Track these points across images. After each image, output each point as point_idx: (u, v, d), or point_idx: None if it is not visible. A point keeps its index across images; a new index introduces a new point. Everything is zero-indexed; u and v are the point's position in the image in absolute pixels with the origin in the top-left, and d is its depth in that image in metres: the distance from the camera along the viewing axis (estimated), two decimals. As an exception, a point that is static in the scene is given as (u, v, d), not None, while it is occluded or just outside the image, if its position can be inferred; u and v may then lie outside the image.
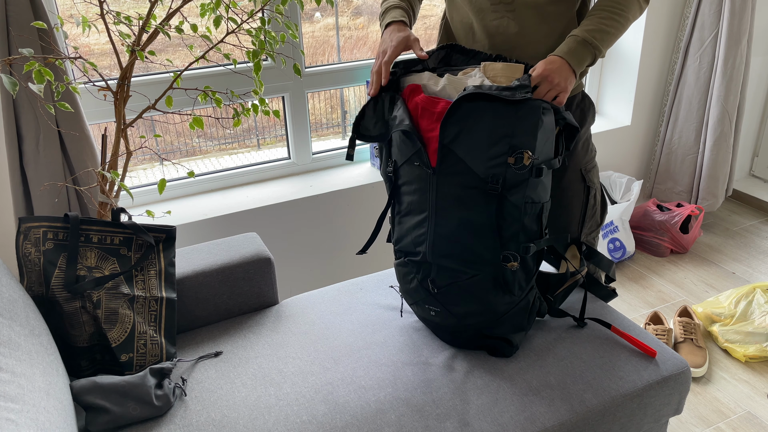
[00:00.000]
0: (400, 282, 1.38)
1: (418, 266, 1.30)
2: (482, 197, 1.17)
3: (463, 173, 1.17)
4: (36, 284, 1.23)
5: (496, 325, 1.28)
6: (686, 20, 2.49)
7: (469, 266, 1.23)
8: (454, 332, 1.31)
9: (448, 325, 1.31)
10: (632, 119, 2.64)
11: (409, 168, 1.25)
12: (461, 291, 1.25)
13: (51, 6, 1.64)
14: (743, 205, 2.97)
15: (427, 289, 1.29)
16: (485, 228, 1.19)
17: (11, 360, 0.93)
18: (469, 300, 1.25)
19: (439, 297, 1.28)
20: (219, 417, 1.16)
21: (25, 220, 1.24)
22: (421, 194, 1.23)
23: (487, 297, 1.24)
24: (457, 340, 1.33)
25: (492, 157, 1.15)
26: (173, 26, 1.44)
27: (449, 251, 1.23)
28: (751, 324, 1.96)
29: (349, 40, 2.23)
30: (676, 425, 1.70)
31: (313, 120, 2.32)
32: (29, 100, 1.49)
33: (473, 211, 1.18)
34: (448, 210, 1.20)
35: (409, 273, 1.33)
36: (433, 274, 1.28)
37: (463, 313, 1.27)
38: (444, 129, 1.17)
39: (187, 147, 2.17)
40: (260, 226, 1.97)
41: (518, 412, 1.15)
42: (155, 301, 1.33)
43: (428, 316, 1.33)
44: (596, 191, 1.56)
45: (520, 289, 1.26)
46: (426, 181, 1.22)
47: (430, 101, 1.20)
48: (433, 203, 1.22)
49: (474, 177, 1.17)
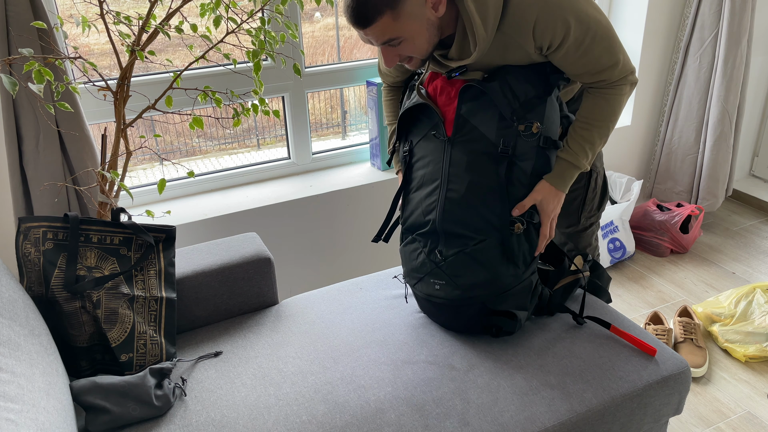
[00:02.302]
0: (405, 264, 1.40)
1: (425, 238, 1.33)
2: (492, 162, 1.25)
3: (476, 140, 1.26)
4: (36, 284, 1.23)
5: (500, 301, 1.28)
6: (686, 20, 2.49)
7: (476, 232, 1.26)
8: (457, 309, 1.30)
9: (452, 300, 1.30)
10: (632, 119, 2.64)
11: (424, 143, 1.34)
12: (468, 259, 1.27)
13: (51, 6, 1.64)
14: (743, 205, 2.97)
15: (434, 262, 1.31)
16: (493, 192, 1.25)
17: (11, 360, 0.93)
18: (475, 269, 1.27)
19: (446, 268, 1.29)
20: (219, 417, 1.16)
21: (25, 220, 1.24)
22: (435, 165, 1.30)
23: (493, 265, 1.26)
24: (459, 319, 1.32)
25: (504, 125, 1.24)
26: (173, 26, 1.44)
27: (458, 216, 1.27)
28: (751, 324, 1.96)
29: (349, 40, 2.23)
30: (676, 425, 1.70)
31: (313, 120, 2.32)
32: (29, 100, 1.49)
33: (483, 175, 1.25)
34: (460, 176, 1.26)
35: (416, 249, 1.35)
36: (441, 244, 1.30)
37: (470, 284, 1.27)
38: (461, 100, 1.28)
39: (187, 147, 2.17)
40: (260, 226, 1.97)
41: (518, 412, 1.15)
42: (155, 301, 1.33)
43: (432, 292, 1.33)
44: (598, 175, 1.58)
45: (524, 263, 1.28)
46: (440, 152, 1.30)
47: (449, 82, 1.32)
48: (446, 171, 1.28)
49: (486, 143, 1.25)
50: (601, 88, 1.27)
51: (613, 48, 1.22)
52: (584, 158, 1.29)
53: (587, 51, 1.20)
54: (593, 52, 1.21)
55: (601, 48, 1.21)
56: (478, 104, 1.26)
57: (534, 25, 1.16)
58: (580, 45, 1.19)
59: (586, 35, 1.19)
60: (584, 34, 1.18)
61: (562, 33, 1.17)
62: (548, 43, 1.19)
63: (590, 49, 1.20)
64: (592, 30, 1.19)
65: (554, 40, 1.18)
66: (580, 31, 1.17)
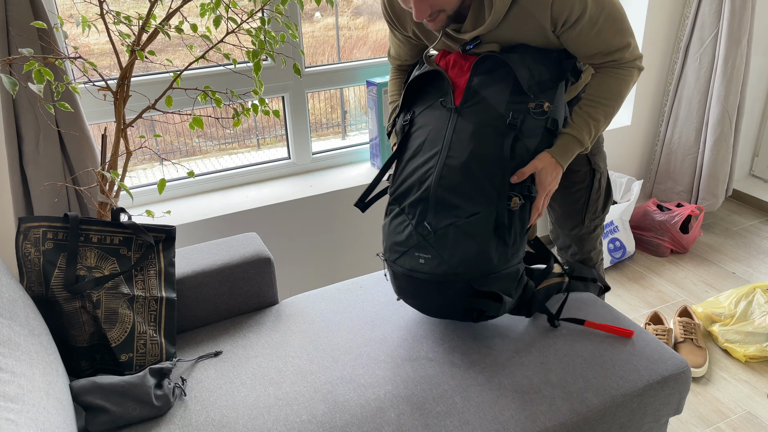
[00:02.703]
0: (388, 239, 1.33)
1: (414, 208, 1.27)
2: (498, 135, 1.24)
3: (484, 111, 1.25)
4: (36, 284, 1.23)
5: (486, 282, 1.23)
6: (686, 20, 2.49)
7: (471, 202, 1.22)
8: (440, 286, 1.24)
9: (437, 275, 1.23)
10: (632, 119, 2.64)
11: (428, 112, 1.32)
12: (459, 232, 1.22)
13: (51, 6, 1.64)
14: (743, 205, 2.97)
15: (422, 234, 1.25)
16: (495, 163, 1.23)
17: (11, 360, 0.93)
18: (465, 242, 1.22)
19: (434, 242, 1.24)
20: (219, 417, 1.16)
21: (25, 220, 1.24)
22: (437, 132, 1.28)
23: (483, 239, 1.21)
24: (440, 299, 1.25)
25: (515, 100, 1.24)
26: (173, 26, 1.44)
27: (455, 183, 1.23)
28: (751, 324, 1.96)
29: (349, 40, 2.23)
30: (676, 425, 1.70)
31: (313, 120, 2.32)
32: (29, 100, 1.49)
33: (487, 146, 1.24)
34: (463, 143, 1.25)
35: (403, 222, 1.29)
36: (431, 216, 1.25)
37: (458, 259, 1.22)
38: (474, 72, 1.28)
39: (187, 147, 2.17)
40: (260, 226, 1.97)
41: (519, 411, 1.15)
42: (155, 301, 1.33)
43: (416, 266, 1.26)
44: (602, 176, 1.58)
45: (513, 243, 1.24)
46: (444, 119, 1.28)
47: (462, 56, 1.32)
48: (449, 138, 1.26)
49: (494, 115, 1.24)
50: (612, 68, 1.29)
51: (625, 30, 1.25)
52: (587, 135, 1.28)
53: (601, 30, 1.23)
54: (606, 31, 1.23)
55: (615, 29, 1.24)
56: (491, 78, 1.26)
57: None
58: (595, 23, 1.22)
59: (601, 14, 1.21)
60: (599, 12, 1.21)
61: (580, 9, 1.19)
62: (564, 19, 1.21)
63: (604, 28, 1.23)
64: (607, 9, 1.22)
65: (571, 16, 1.20)
66: (595, 8, 1.20)
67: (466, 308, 1.26)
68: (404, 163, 1.33)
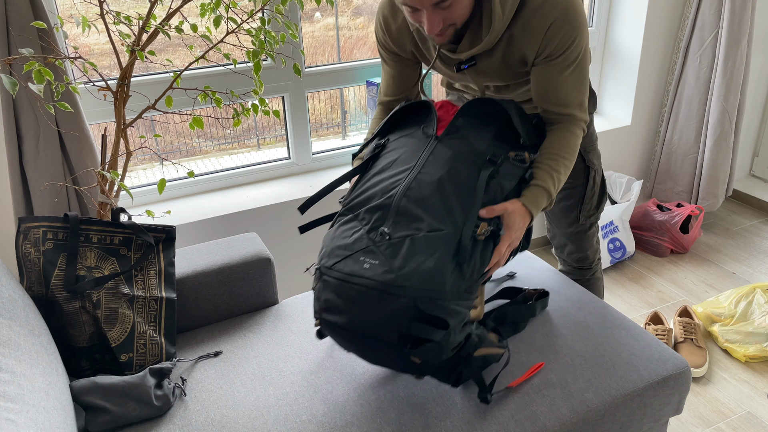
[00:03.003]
0: (328, 245, 1.17)
1: (372, 214, 1.16)
2: (475, 166, 1.19)
3: (465, 144, 1.22)
4: (36, 284, 1.23)
5: (433, 306, 1.05)
6: (686, 20, 2.49)
7: (437, 219, 1.12)
8: (381, 297, 1.06)
9: (380, 283, 1.07)
10: (632, 119, 2.64)
11: (405, 139, 1.28)
12: (416, 245, 1.09)
13: (51, 6, 1.64)
14: (743, 205, 2.97)
15: (373, 240, 1.12)
16: (469, 189, 1.16)
17: (11, 360, 0.93)
18: (421, 257, 1.08)
19: (385, 249, 1.10)
20: (219, 417, 1.16)
21: (25, 220, 1.24)
22: (412, 153, 1.23)
23: (441, 258, 1.08)
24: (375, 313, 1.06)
25: (497, 144, 1.23)
26: (173, 26, 1.44)
27: (423, 195, 1.14)
28: (751, 324, 1.96)
29: (349, 40, 2.23)
30: (676, 425, 1.70)
31: (313, 120, 2.32)
32: (29, 100, 1.49)
33: (463, 171, 1.18)
34: (439, 163, 1.19)
35: (353, 227, 1.16)
36: (388, 224, 1.13)
37: (408, 271, 1.06)
38: (461, 113, 1.27)
39: (187, 147, 2.17)
40: (260, 226, 1.97)
41: (518, 411, 1.15)
42: (155, 301, 1.33)
43: (358, 270, 1.09)
44: (596, 173, 1.58)
45: (470, 277, 1.10)
46: (423, 144, 1.24)
47: (451, 103, 1.33)
48: (425, 158, 1.21)
49: (475, 150, 1.21)
50: (565, 123, 1.32)
51: (584, 87, 1.29)
52: (553, 187, 1.27)
53: (568, 77, 1.26)
54: (570, 80, 1.27)
55: (578, 79, 1.27)
56: (477, 121, 1.27)
57: (549, 26, 1.19)
58: (568, 66, 1.25)
59: (576, 59, 1.24)
60: (576, 57, 1.24)
61: (565, 44, 1.21)
62: (550, 51, 1.22)
63: (571, 75, 1.26)
64: (581, 59, 1.25)
65: (556, 49, 1.22)
66: (575, 52, 1.23)
67: (402, 334, 1.05)
68: (368, 177, 1.23)
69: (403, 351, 1.06)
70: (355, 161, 1.38)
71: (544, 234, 2.68)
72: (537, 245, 2.71)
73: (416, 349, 1.04)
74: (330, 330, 1.14)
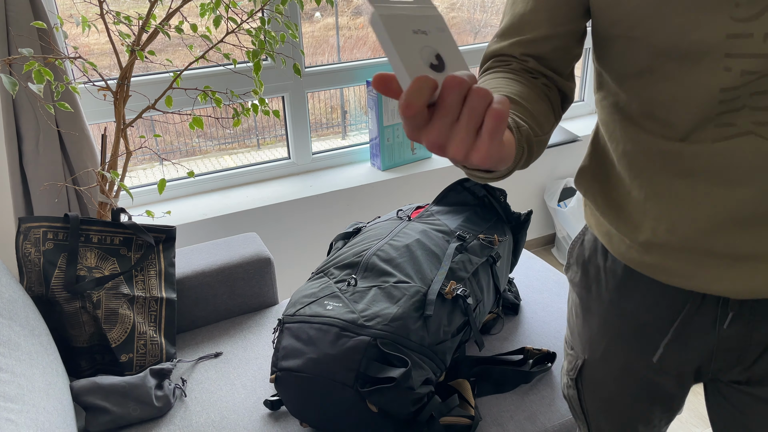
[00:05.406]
0: (294, 298, 1.17)
1: (341, 271, 1.18)
2: (445, 240, 1.26)
3: (436, 224, 1.31)
4: (36, 284, 1.23)
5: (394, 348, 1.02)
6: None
7: (404, 275, 1.13)
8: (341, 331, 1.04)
9: (341, 321, 1.05)
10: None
11: (378, 224, 1.35)
12: (382, 294, 1.10)
13: (51, 6, 1.64)
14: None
15: (339, 288, 1.13)
16: (436, 257, 1.21)
17: (11, 360, 0.93)
18: (385, 303, 1.08)
19: (351, 294, 1.11)
20: (219, 418, 1.16)
21: (25, 220, 1.24)
22: (385, 229, 1.30)
23: (406, 307, 1.07)
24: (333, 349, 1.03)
25: (466, 226, 1.31)
26: (173, 26, 1.44)
27: (392, 257, 1.17)
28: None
29: (349, 40, 2.23)
30: (676, 425, 1.70)
31: (313, 120, 2.32)
32: (29, 100, 1.49)
33: (434, 243, 1.24)
34: (409, 235, 1.26)
35: (322, 282, 1.17)
36: (359, 275, 1.15)
37: (371, 314, 1.06)
38: (435, 201, 1.43)
39: (187, 147, 2.16)
40: (260, 226, 1.97)
41: (518, 411, 1.15)
42: (155, 302, 1.33)
43: (319, 312, 1.09)
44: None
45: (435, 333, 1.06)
46: (396, 223, 1.32)
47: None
48: (397, 231, 1.28)
49: (445, 229, 1.29)
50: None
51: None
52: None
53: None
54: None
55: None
56: (450, 209, 1.39)
57: None
58: None
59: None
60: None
61: None
62: None
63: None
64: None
65: None
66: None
67: (360, 373, 1.00)
68: (339, 249, 1.27)
69: (359, 394, 1.00)
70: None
71: (544, 234, 2.68)
72: (537, 245, 2.71)
73: (372, 390, 0.98)
74: (285, 384, 1.07)
